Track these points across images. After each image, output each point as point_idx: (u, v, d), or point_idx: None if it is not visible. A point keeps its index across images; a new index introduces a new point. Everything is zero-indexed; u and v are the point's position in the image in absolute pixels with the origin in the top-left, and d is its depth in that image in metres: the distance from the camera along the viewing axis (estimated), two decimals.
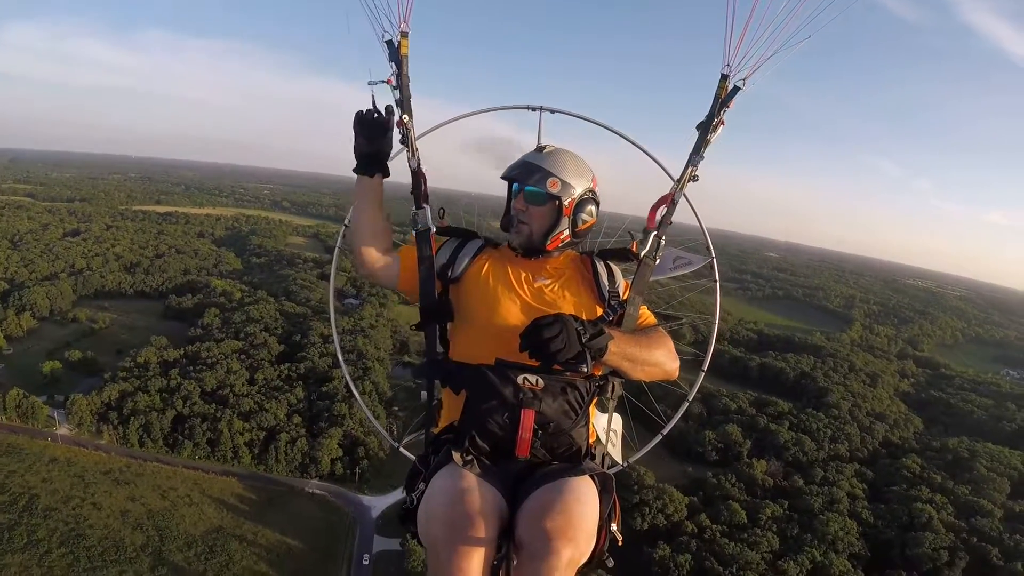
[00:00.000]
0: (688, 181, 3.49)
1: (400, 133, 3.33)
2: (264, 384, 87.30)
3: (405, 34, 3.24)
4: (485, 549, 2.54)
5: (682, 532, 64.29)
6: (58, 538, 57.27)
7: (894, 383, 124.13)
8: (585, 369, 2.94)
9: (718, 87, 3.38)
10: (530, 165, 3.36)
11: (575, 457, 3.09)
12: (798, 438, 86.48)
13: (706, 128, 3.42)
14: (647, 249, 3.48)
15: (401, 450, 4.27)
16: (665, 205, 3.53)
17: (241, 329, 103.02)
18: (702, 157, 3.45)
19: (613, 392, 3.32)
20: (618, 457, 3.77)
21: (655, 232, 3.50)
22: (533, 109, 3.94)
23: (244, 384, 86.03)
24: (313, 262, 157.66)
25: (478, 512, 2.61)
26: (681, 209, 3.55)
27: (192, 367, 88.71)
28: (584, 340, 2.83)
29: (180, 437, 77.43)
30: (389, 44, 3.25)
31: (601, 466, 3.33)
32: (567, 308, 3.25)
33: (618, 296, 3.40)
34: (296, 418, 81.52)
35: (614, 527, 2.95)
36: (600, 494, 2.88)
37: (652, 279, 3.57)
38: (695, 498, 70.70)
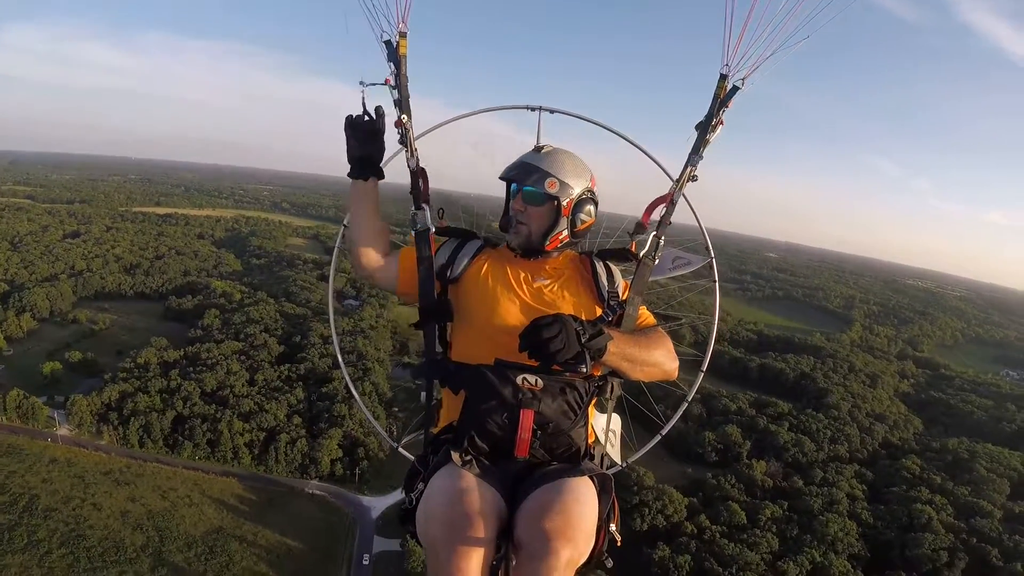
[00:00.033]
0: (687, 181, 3.47)
1: (399, 133, 3.32)
2: (264, 385, 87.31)
3: (404, 34, 3.22)
4: (484, 549, 2.53)
5: (682, 533, 64.30)
6: (58, 539, 57.30)
7: (894, 384, 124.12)
8: (584, 369, 2.94)
9: (717, 87, 3.35)
10: (528, 166, 3.35)
11: (574, 457, 3.08)
12: (798, 439, 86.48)
13: (705, 128, 3.40)
14: (646, 249, 3.47)
15: (400, 450, 4.27)
16: (663, 205, 3.52)
17: (241, 330, 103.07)
18: (701, 157, 3.43)
19: (612, 392, 3.32)
20: (617, 458, 3.76)
21: (654, 232, 3.49)
22: (532, 109, 3.92)
23: (244, 385, 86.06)
24: (313, 263, 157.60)
25: (477, 512, 2.60)
26: (680, 209, 3.54)
27: (192, 368, 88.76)
28: (583, 340, 2.82)
29: (180, 438, 77.45)
30: (388, 44, 3.22)
31: (600, 466, 3.33)
32: (566, 308, 3.25)
33: (617, 296, 3.39)
34: (296, 419, 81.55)
35: (613, 527, 2.94)
36: (599, 494, 2.87)
37: (651, 279, 3.56)
38: (695, 499, 70.72)
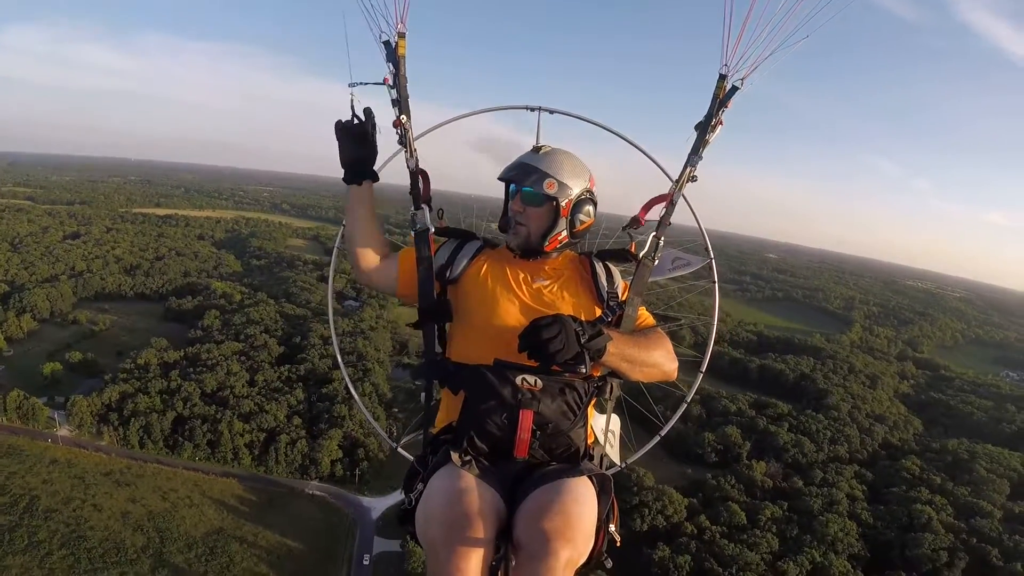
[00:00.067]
0: (687, 181, 3.47)
1: (398, 134, 3.32)
2: (264, 386, 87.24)
3: (402, 35, 3.22)
4: (483, 550, 2.53)
5: (682, 533, 64.23)
6: (59, 540, 57.24)
7: (894, 385, 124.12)
8: (584, 370, 2.94)
9: (716, 87, 3.34)
10: (526, 166, 3.34)
11: (573, 458, 3.08)
12: (798, 440, 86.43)
13: (704, 128, 3.40)
14: (646, 250, 3.48)
15: (399, 450, 4.26)
16: (662, 204, 3.52)
17: (241, 331, 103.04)
18: (701, 157, 3.43)
19: (611, 393, 3.32)
20: (616, 458, 3.76)
21: (654, 233, 3.49)
22: (532, 109, 3.91)
23: (244, 386, 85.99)
24: (313, 264, 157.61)
25: (476, 513, 2.60)
26: (680, 210, 3.54)
27: (192, 369, 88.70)
28: (583, 341, 2.83)
29: (180, 439, 77.38)
30: (387, 45, 3.23)
31: (599, 467, 3.33)
32: (566, 309, 3.24)
33: (617, 297, 3.39)
34: (296, 419, 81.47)
35: (612, 528, 2.94)
36: (598, 495, 2.88)
37: (651, 280, 3.56)
38: (695, 499, 70.64)
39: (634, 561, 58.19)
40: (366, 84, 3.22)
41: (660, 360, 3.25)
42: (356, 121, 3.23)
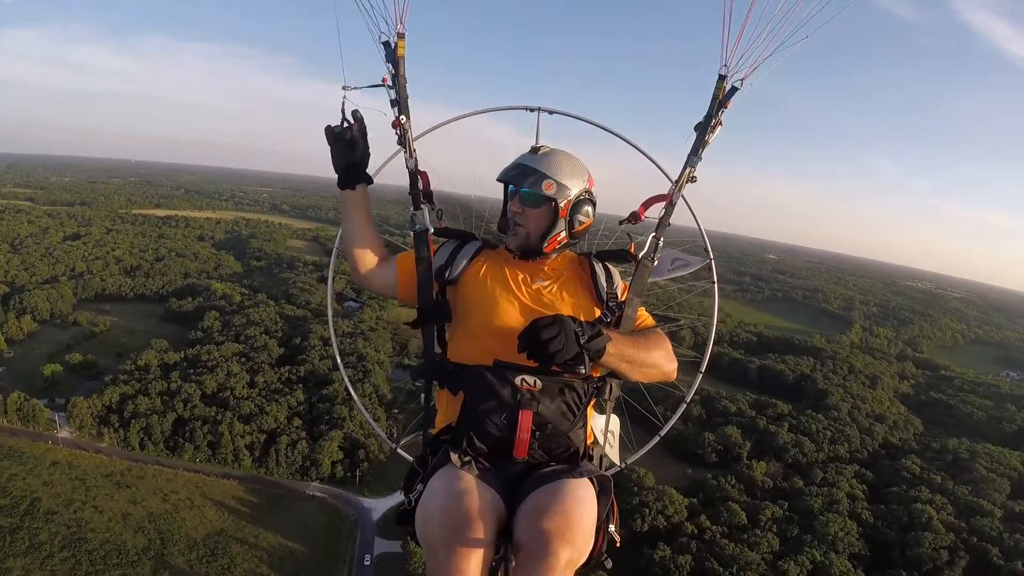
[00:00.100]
0: (686, 182, 3.47)
1: (397, 134, 3.32)
2: (264, 387, 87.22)
3: (402, 35, 3.21)
4: (483, 550, 2.53)
5: (682, 533, 64.19)
6: (60, 542, 57.17)
7: (894, 385, 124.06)
8: (583, 370, 2.94)
9: (716, 88, 3.34)
10: (525, 167, 3.34)
11: (573, 458, 3.07)
12: (798, 440, 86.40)
13: (704, 129, 3.40)
14: (645, 250, 3.47)
15: (399, 451, 4.26)
16: (662, 204, 3.52)
17: (241, 332, 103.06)
18: (700, 158, 3.43)
19: (611, 393, 3.31)
20: (616, 458, 3.75)
21: (653, 233, 3.49)
22: (531, 110, 3.90)
23: (244, 387, 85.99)
24: (313, 265, 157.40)
25: (476, 513, 2.60)
26: (679, 211, 3.54)
27: (192, 370, 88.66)
28: (582, 341, 2.82)
29: (181, 440, 77.38)
30: (386, 45, 3.23)
31: (599, 467, 3.34)
32: (565, 309, 3.24)
33: (616, 297, 3.38)
34: (296, 421, 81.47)
35: (612, 528, 2.94)
36: (598, 495, 2.88)
37: (650, 280, 3.55)
38: (695, 499, 70.62)
39: (635, 561, 58.21)
40: (361, 88, 3.22)
41: (659, 360, 3.24)
42: (346, 124, 3.22)
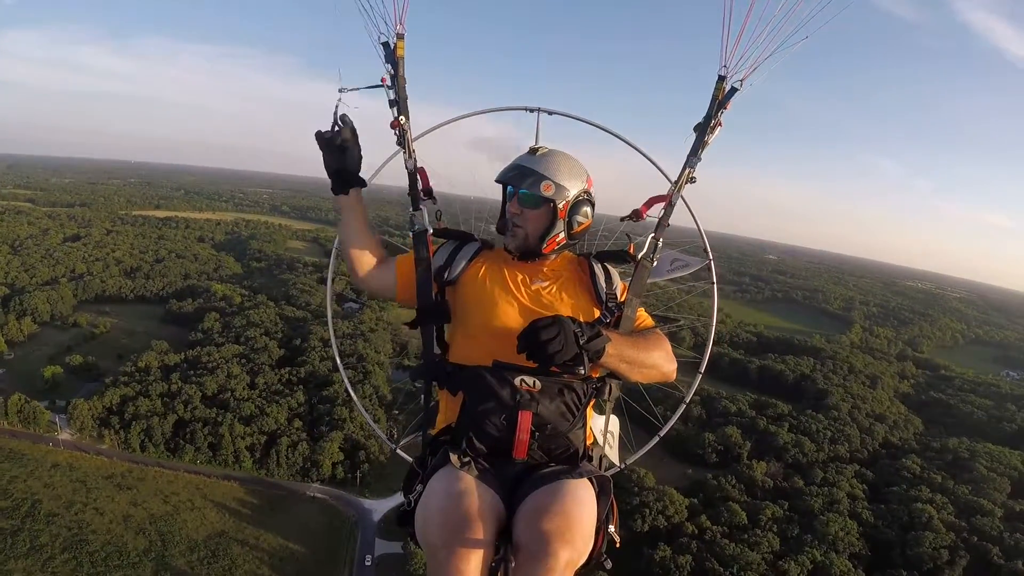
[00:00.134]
0: (685, 183, 3.48)
1: (396, 135, 3.32)
2: (265, 388, 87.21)
3: (401, 36, 3.20)
4: (483, 551, 2.53)
5: (682, 533, 64.15)
6: (61, 543, 57.17)
7: (894, 384, 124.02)
8: (582, 371, 2.94)
9: (715, 88, 3.34)
10: (523, 168, 3.34)
11: (572, 459, 3.06)
12: (798, 440, 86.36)
13: (703, 130, 3.40)
14: (644, 251, 3.47)
15: (399, 452, 4.25)
16: (662, 205, 3.52)
17: (241, 333, 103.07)
18: (699, 159, 3.43)
19: (610, 394, 3.30)
20: (615, 459, 3.75)
21: (652, 234, 3.49)
22: (531, 110, 3.90)
23: (245, 388, 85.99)
24: (313, 266, 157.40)
25: (476, 514, 2.59)
26: (679, 211, 3.54)
27: (193, 371, 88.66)
28: (581, 342, 2.82)
29: (181, 441, 77.41)
30: (385, 46, 3.22)
31: (598, 468, 3.33)
32: (564, 310, 3.24)
33: (615, 298, 3.38)
34: (297, 422, 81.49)
35: (612, 529, 2.94)
36: (598, 496, 2.87)
37: (650, 281, 3.55)
38: (695, 500, 70.58)
39: (635, 561, 58.21)
40: (359, 88, 3.21)
41: (659, 361, 3.24)
42: (337, 129, 3.20)
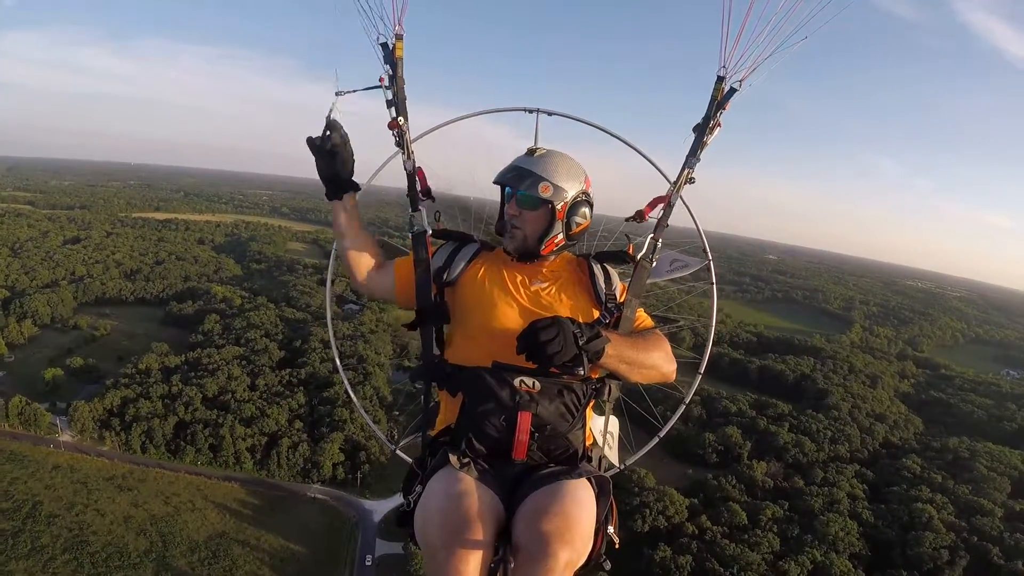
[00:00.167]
0: (684, 183, 3.48)
1: (395, 136, 3.32)
2: (265, 390, 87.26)
3: (400, 36, 3.21)
4: (482, 552, 2.52)
5: (683, 533, 64.18)
6: (62, 544, 57.19)
7: (894, 384, 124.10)
8: (582, 372, 2.95)
9: (714, 89, 3.35)
10: (521, 170, 3.33)
11: (572, 460, 3.05)
12: (798, 439, 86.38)
13: (702, 130, 3.41)
14: (643, 251, 3.47)
15: (398, 453, 4.25)
16: (661, 206, 3.52)
17: (242, 335, 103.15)
18: (699, 160, 3.44)
19: (610, 395, 3.30)
20: (615, 460, 3.74)
21: (652, 235, 3.49)
22: (530, 111, 3.88)
23: (245, 390, 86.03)
24: (313, 268, 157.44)
25: (475, 515, 2.59)
26: (679, 212, 3.54)
27: (193, 373, 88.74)
28: (581, 343, 2.81)
29: (182, 443, 77.51)
30: (384, 47, 3.23)
31: (598, 469, 3.33)
32: (564, 311, 3.23)
33: (615, 299, 3.38)
34: (297, 423, 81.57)
35: (611, 529, 2.94)
36: (597, 497, 2.87)
37: (649, 282, 3.55)
38: (695, 500, 70.64)
39: (636, 561, 58.21)
40: (356, 90, 3.21)
41: (658, 362, 3.24)
42: (327, 134, 3.20)
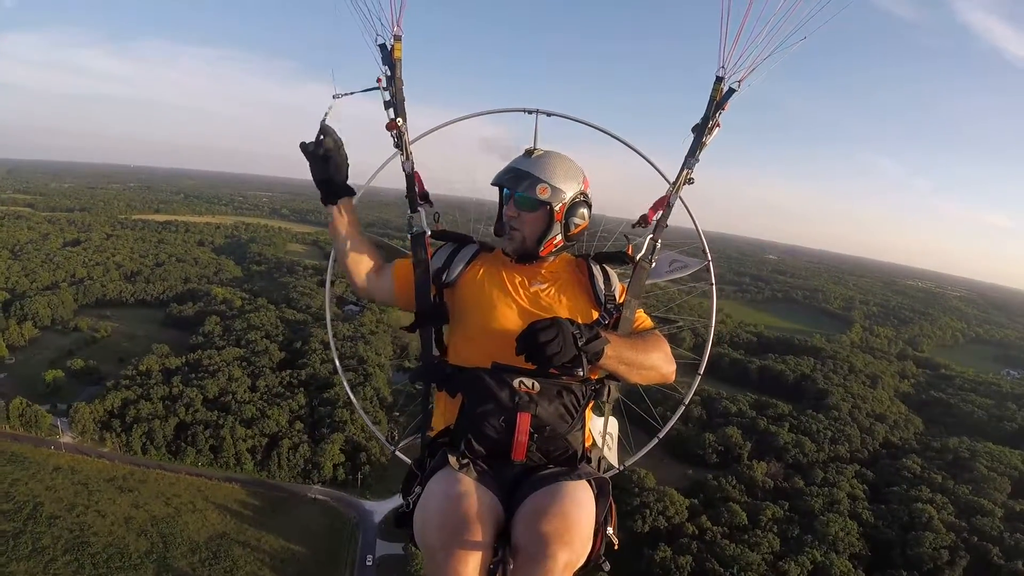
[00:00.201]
0: (684, 184, 3.48)
1: (393, 137, 3.32)
2: (266, 391, 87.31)
3: (398, 37, 3.21)
4: (481, 553, 2.52)
5: (683, 534, 64.18)
6: (63, 545, 57.26)
7: (894, 384, 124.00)
8: (581, 373, 2.94)
9: (713, 89, 3.36)
10: (519, 171, 3.33)
11: (571, 461, 3.05)
12: (798, 440, 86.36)
13: (701, 131, 3.42)
14: (643, 252, 3.46)
15: (397, 454, 4.24)
16: (661, 207, 3.52)
17: (242, 336, 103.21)
18: (697, 160, 3.44)
19: (609, 396, 3.29)
20: (614, 460, 3.74)
21: (651, 235, 3.49)
22: (529, 112, 3.87)
23: (246, 391, 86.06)
24: (313, 269, 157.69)
25: (474, 516, 2.59)
26: (678, 212, 3.54)
27: (194, 374, 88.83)
28: (580, 344, 2.81)
29: (183, 444, 77.56)
30: (382, 48, 3.23)
31: (597, 469, 3.33)
32: (563, 312, 3.23)
33: (614, 299, 3.37)
34: (298, 424, 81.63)
35: (610, 531, 2.93)
36: (596, 498, 2.87)
37: (649, 282, 3.55)
38: (696, 500, 70.66)
39: (636, 562, 58.21)
40: (353, 92, 3.21)
41: (658, 362, 3.24)
42: (320, 138, 3.21)
